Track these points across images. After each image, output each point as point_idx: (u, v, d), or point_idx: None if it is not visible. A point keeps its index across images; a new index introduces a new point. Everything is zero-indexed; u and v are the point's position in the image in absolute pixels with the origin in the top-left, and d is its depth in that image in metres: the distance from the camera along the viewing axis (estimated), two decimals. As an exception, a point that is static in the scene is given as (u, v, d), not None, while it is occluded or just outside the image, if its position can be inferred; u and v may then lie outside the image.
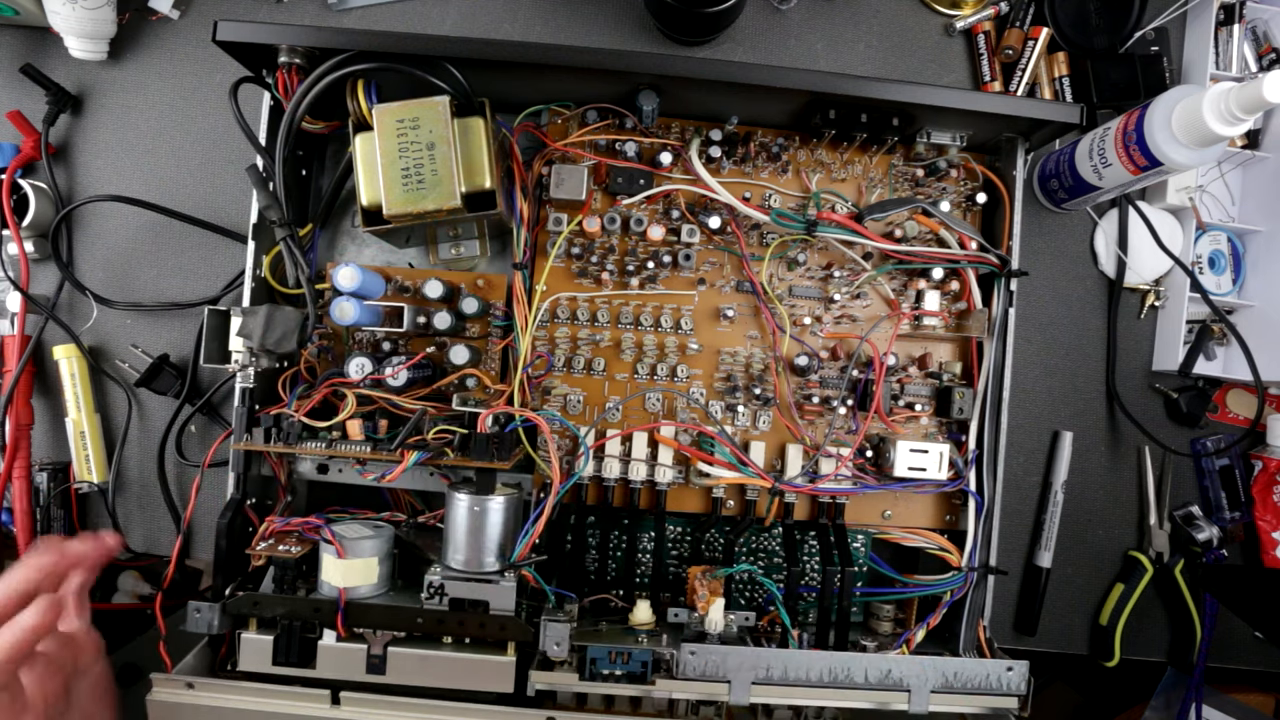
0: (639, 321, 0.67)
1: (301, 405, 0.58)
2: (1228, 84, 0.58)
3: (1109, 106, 0.76)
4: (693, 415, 0.67)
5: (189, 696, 0.55)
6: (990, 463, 0.64)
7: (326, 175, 0.71)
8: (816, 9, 0.78)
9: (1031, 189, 0.78)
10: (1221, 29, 0.76)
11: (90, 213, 0.75)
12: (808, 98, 0.62)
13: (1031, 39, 0.76)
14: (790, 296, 0.68)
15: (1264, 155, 0.76)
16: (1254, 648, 0.79)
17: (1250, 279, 0.77)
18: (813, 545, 0.68)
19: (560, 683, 0.56)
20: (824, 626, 0.63)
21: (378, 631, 0.57)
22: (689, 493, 0.67)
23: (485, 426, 0.59)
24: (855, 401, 0.67)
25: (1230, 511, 0.77)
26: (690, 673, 0.55)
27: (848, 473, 0.65)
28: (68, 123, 0.76)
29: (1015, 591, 0.77)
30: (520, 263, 0.65)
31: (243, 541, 0.60)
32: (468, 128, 0.59)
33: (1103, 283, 0.78)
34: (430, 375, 0.63)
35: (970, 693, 0.57)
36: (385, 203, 0.56)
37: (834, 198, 0.67)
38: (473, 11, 0.77)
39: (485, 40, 0.65)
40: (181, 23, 0.76)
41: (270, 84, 0.62)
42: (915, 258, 0.65)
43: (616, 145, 0.66)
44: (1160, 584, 0.77)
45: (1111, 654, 0.76)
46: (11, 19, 0.73)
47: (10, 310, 0.74)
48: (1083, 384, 0.77)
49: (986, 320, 0.65)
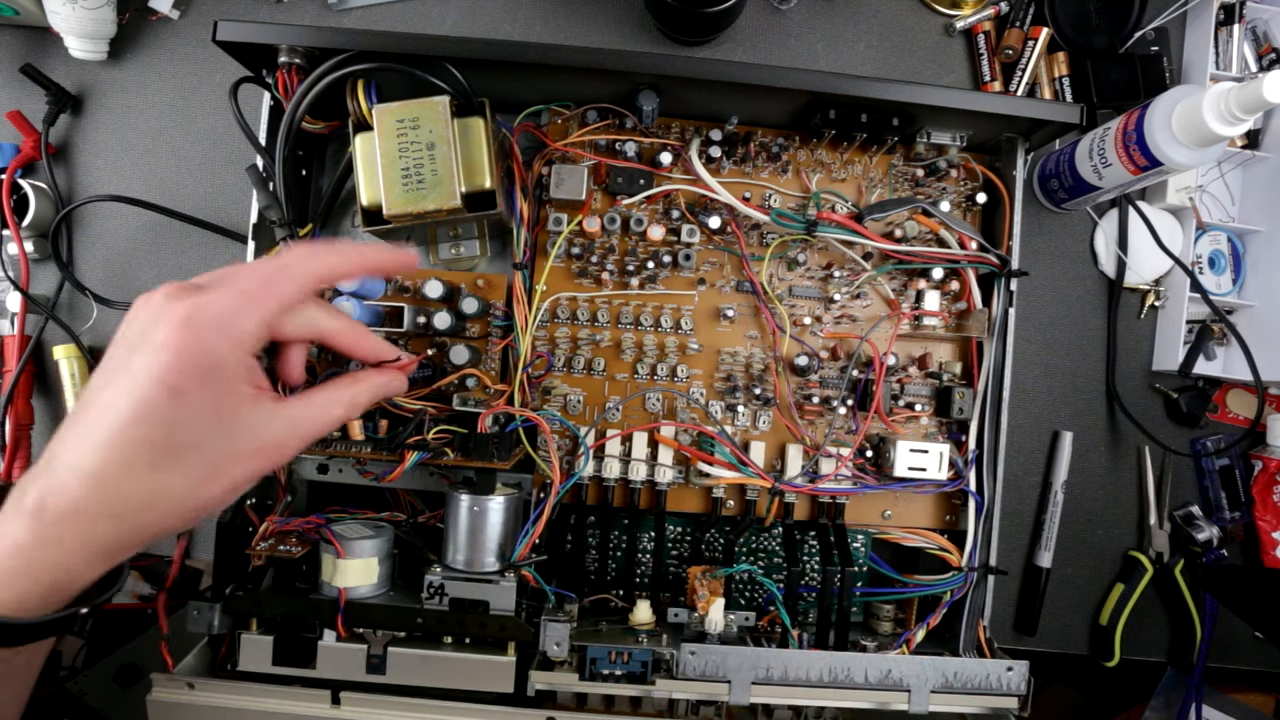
0: (639, 321, 0.67)
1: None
2: (1228, 84, 0.58)
3: (1109, 106, 0.76)
4: (693, 415, 0.67)
5: (189, 696, 0.55)
6: (990, 463, 0.64)
7: (326, 175, 0.71)
8: (816, 9, 0.78)
9: (1031, 189, 0.78)
10: (1221, 29, 0.76)
11: (90, 213, 0.75)
12: (808, 98, 0.62)
13: (1031, 39, 0.76)
14: (790, 296, 0.68)
15: (1264, 155, 0.76)
16: (1254, 648, 0.79)
17: (1250, 279, 0.77)
18: (813, 545, 0.68)
19: (560, 683, 0.56)
20: (824, 626, 0.63)
21: (378, 631, 0.57)
22: (689, 493, 0.67)
23: (485, 426, 0.59)
24: (855, 401, 0.67)
25: (1230, 511, 0.77)
26: (690, 673, 0.55)
27: (848, 473, 0.65)
28: (68, 123, 0.76)
29: (1015, 591, 0.77)
30: (520, 263, 0.65)
31: (243, 541, 0.60)
32: (468, 128, 0.59)
33: (1103, 283, 0.78)
34: (430, 375, 0.63)
35: (970, 693, 0.57)
36: (385, 203, 0.56)
37: (834, 198, 0.67)
38: (473, 11, 0.77)
39: (485, 40, 0.65)
40: (181, 23, 0.76)
41: (270, 84, 0.62)
42: (915, 258, 0.65)
43: (616, 145, 0.66)
44: (1160, 584, 0.77)
45: (1111, 654, 0.76)
46: (11, 19, 0.73)
47: (10, 310, 0.74)
48: (1083, 384, 0.77)
49: (986, 320, 0.65)
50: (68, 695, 0.87)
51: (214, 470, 0.39)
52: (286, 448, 0.42)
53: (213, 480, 0.39)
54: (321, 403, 0.45)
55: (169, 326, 0.38)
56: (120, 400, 0.37)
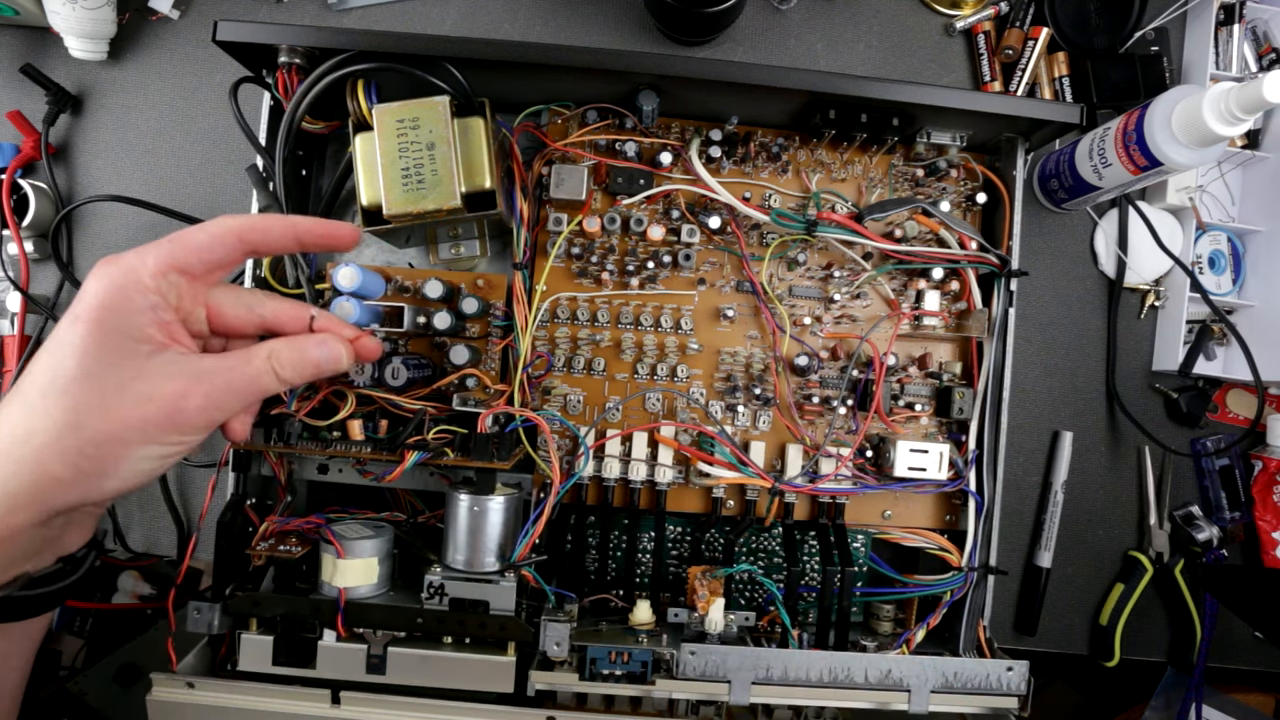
0: (639, 321, 0.67)
1: (302, 405, 0.58)
2: (1228, 84, 0.58)
3: (1109, 106, 0.76)
4: (693, 415, 0.67)
5: (189, 696, 0.55)
6: (990, 463, 0.64)
7: (326, 175, 0.71)
8: (816, 9, 0.78)
9: (1031, 189, 0.78)
10: (1221, 29, 0.76)
11: (90, 213, 0.75)
12: (808, 98, 0.62)
13: (1031, 39, 0.76)
14: (790, 296, 0.68)
15: (1264, 155, 0.76)
16: (1254, 648, 0.79)
17: (1250, 279, 0.77)
18: (813, 545, 0.68)
19: (560, 683, 0.56)
20: (824, 626, 0.63)
21: (378, 631, 0.57)
22: (689, 493, 0.67)
23: (485, 426, 0.59)
24: (855, 401, 0.67)
25: (1230, 511, 0.77)
26: (690, 673, 0.55)
27: (848, 473, 0.65)
28: (68, 123, 0.76)
29: (1015, 591, 0.77)
30: (520, 263, 0.65)
31: (243, 541, 0.60)
32: (468, 128, 0.59)
33: (1103, 283, 0.78)
34: (430, 375, 0.63)
35: (970, 693, 0.57)
36: (385, 203, 0.56)
37: (834, 198, 0.67)
38: (473, 11, 0.77)
39: (485, 40, 0.65)
40: (181, 23, 0.76)
41: (270, 84, 0.62)
42: (915, 258, 0.65)
43: (616, 145, 0.66)
44: (1160, 584, 0.77)
45: (1111, 654, 0.76)
46: (11, 19, 0.73)
47: (10, 310, 0.74)
48: (1083, 384, 0.78)
49: (986, 320, 0.65)
50: (68, 695, 0.87)
51: (102, 403, 0.39)
52: (190, 398, 0.41)
53: (100, 413, 0.39)
54: (237, 354, 0.44)
55: (91, 275, 0.41)
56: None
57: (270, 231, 0.47)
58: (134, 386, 0.40)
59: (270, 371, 0.45)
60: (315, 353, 0.47)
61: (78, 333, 0.40)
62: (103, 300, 0.40)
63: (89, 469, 0.39)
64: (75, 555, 0.45)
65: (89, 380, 0.39)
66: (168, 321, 0.42)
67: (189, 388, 0.41)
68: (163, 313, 0.42)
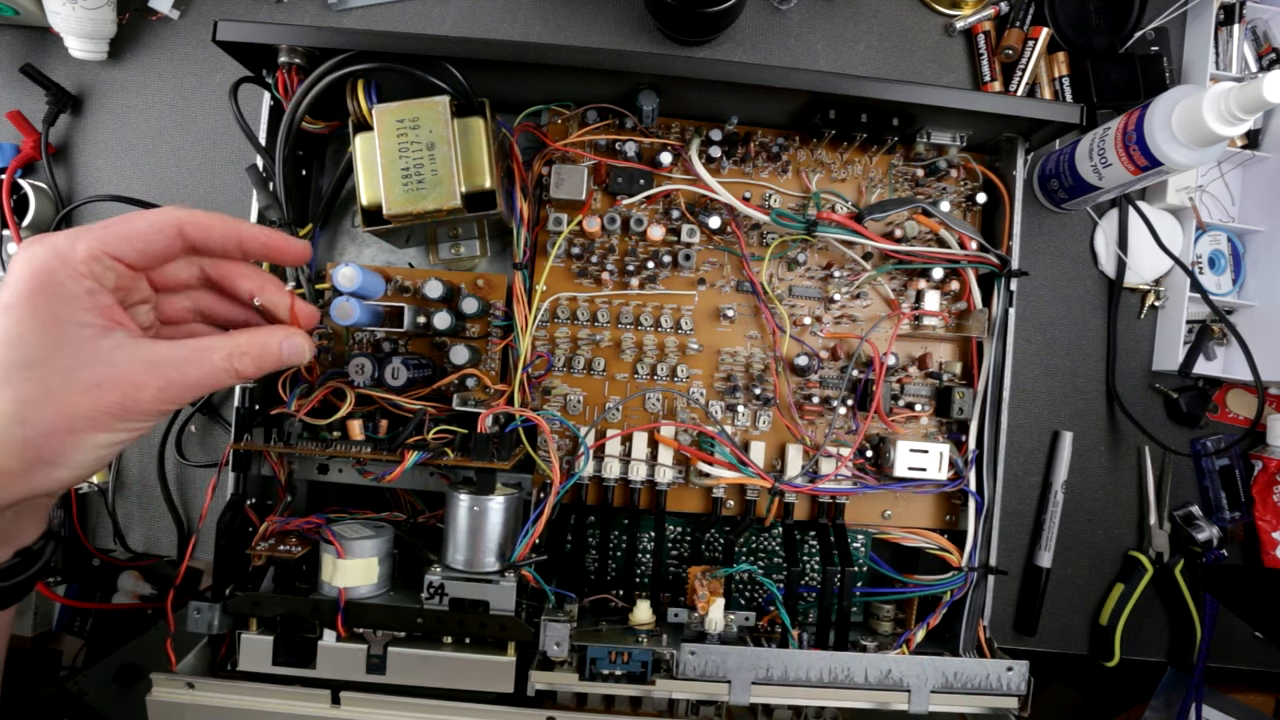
0: (639, 321, 0.67)
1: (302, 405, 0.58)
2: (1228, 84, 0.58)
3: (1109, 106, 0.76)
4: (693, 415, 0.67)
5: (189, 696, 0.55)
6: (990, 463, 0.64)
7: (326, 175, 0.71)
8: (816, 9, 0.78)
9: (1031, 189, 0.78)
10: (1221, 29, 0.76)
11: (90, 213, 0.75)
12: (808, 98, 0.62)
13: (1031, 39, 0.76)
14: (790, 296, 0.68)
15: (1264, 155, 0.76)
16: (1254, 648, 0.79)
17: (1250, 279, 0.77)
18: (813, 545, 0.68)
19: (560, 683, 0.56)
20: (824, 626, 0.63)
21: (378, 631, 0.57)
22: (689, 493, 0.67)
23: (485, 426, 0.59)
24: (855, 401, 0.67)
25: (1230, 511, 0.77)
26: (690, 673, 0.55)
27: (848, 473, 0.65)
28: (68, 123, 0.76)
29: (1015, 591, 0.77)
30: (520, 263, 0.65)
31: (243, 541, 0.60)
32: (468, 128, 0.59)
33: (1103, 283, 0.78)
34: (430, 375, 0.63)
35: (970, 693, 0.57)
36: (385, 203, 0.56)
37: (834, 198, 0.67)
38: (473, 11, 0.77)
39: (485, 40, 0.65)
40: (181, 23, 0.76)
41: (270, 84, 0.62)
42: (915, 258, 0.65)
43: (616, 145, 0.66)
44: (1160, 584, 0.77)
45: (1111, 654, 0.76)
46: (11, 19, 0.73)
47: (10, 310, 0.74)
48: (1083, 384, 0.78)
49: (986, 320, 0.65)
50: (68, 695, 0.87)
51: (47, 393, 0.38)
52: (144, 389, 0.40)
53: (46, 403, 0.38)
54: (196, 346, 0.42)
55: (16, 258, 0.40)
56: None
57: (212, 229, 0.46)
58: (80, 375, 0.38)
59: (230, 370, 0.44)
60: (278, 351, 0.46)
61: (12, 319, 0.38)
62: (32, 285, 0.38)
63: (39, 460, 0.38)
64: (32, 548, 0.44)
65: (30, 370, 0.38)
66: (107, 305, 0.40)
67: (143, 378, 0.40)
68: (99, 296, 0.40)
